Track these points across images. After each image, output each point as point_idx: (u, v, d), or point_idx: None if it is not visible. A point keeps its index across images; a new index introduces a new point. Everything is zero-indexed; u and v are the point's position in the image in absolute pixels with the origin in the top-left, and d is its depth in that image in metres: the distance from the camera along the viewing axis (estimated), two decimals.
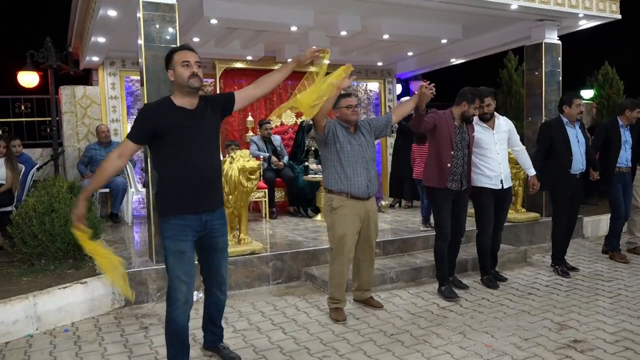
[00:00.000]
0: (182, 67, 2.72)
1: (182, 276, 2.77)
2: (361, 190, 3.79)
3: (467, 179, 4.42)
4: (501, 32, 7.52)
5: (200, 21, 6.08)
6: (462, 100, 4.30)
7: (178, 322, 2.80)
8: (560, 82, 6.75)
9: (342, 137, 3.80)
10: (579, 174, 4.96)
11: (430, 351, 3.30)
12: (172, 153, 2.73)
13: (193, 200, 2.76)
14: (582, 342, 3.39)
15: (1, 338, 3.52)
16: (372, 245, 4.04)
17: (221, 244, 2.98)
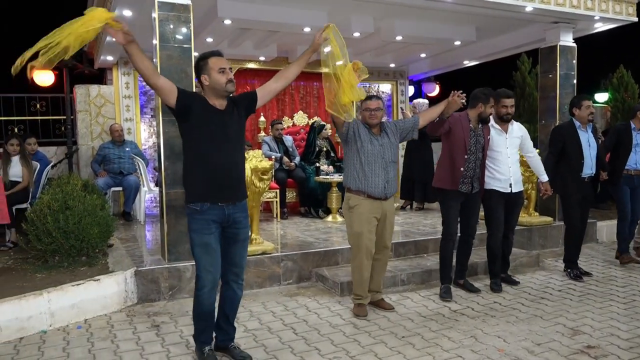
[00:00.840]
0: (219, 74, 2.91)
1: (208, 266, 2.98)
2: (378, 190, 3.84)
3: (481, 182, 4.44)
4: (515, 34, 7.48)
5: (214, 22, 6.11)
6: (477, 102, 4.31)
7: (204, 304, 3.03)
8: (574, 85, 6.69)
9: (364, 136, 3.87)
10: (587, 178, 4.95)
11: (442, 354, 3.28)
12: (201, 146, 2.91)
13: (217, 193, 2.94)
14: (596, 348, 3.35)
15: (16, 333, 3.56)
16: (387, 245, 4.08)
17: (242, 236, 3.11)
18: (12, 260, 4.82)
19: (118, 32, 2.64)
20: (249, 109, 3.14)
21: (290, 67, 3.27)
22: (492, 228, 4.61)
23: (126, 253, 4.91)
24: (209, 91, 2.97)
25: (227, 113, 2.99)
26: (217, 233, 3.01)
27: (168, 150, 4.44)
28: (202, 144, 2.92)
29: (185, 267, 4.44)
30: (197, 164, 2.95)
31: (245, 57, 8.17)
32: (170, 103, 2.90)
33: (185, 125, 2.96)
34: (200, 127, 2.91)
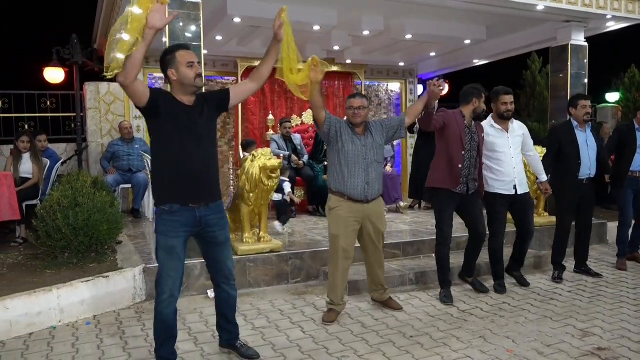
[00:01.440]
0: (188, 68, 2.80)
1: (170, 271, 2.85)
2: (357, 192, 3.72)
3: (479, 182, 4.30)
4: (526, 33, 7.44)
5: (224, 19, 6.12)
6: (470, 97, 4.20)
7: (163, 313, 2.89)
8: (586, 84, 6.65)
9: (346, 136, 3.74)
10: (586, 179, 4.79)
11: (450, 354, 3.27)
12: (169, 144, 2.79)
13: (186, 193, 2.82)
14: (607, 350, 3.32)
15: (26, 329, 3.59)
16: (378, 246, 3.97)
17: (221, 238, 3.01)
18: (22, 256, 4.85)
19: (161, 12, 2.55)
20: (221, 107, 3.03)
21: (261, 65, 3.10)
22: (493, 230, 4.50)
23: (135, 250, 4.93)
24: (177, 86, 2.84)
25: (196, 109, 2.87)
26: (186, 237, 2.89)
27: None
28: (169, 142, 2.79)
29: (194, 265, 4.45)
30: (165, 163, 2.84)
31: (254, 55, 8.17)
32: (143, 102, 2.71)
33: (153, 122, 2.81)
34: (168, 124, 2.77)
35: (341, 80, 9.37)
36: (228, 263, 3.07)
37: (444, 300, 4.24)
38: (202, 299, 4.35)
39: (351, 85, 9.43)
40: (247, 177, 4.59)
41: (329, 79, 9.22)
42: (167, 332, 2.95)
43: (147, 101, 2.71)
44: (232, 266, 3.11)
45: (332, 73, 9.16)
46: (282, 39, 3.05)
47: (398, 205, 7.44)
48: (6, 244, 5.39)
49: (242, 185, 4.66)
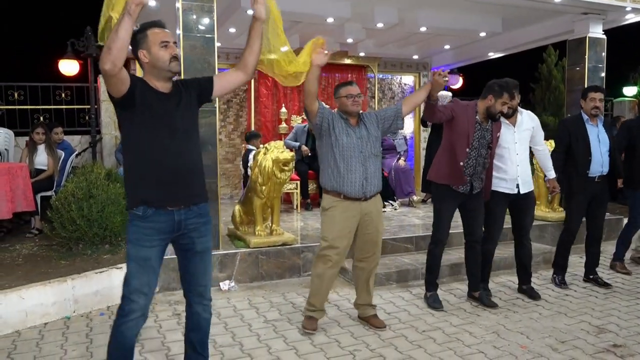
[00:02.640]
0: (161, 49, 2.38)
1: (142, 287, 2.39)
2: (355, 189, 3.38)
3: (487, 183, 4.00)
4: (543, 26, 7.32)
5: (238, 11, 6.10)
6: (488, 93, 3.83)
7: (126, 335, 2.42)
8: (603, 78, 6.53)
9: (339, 129, 3.42)
10: (598, 177, 4.44)
11: (463, 349, 3.25)
12: (140, 138, 2.38)
13: (162, 195, 2.39)
14: (622, 347, 3.28)
15: (41, 319, 3.63)
16: (373, 251, 3.59)
17: (201, 246, 2.54)
18: (37, 247, 4.91)
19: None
20: (203, 97, 2.61)
21: (244, 52, 2.67)
22: (489, 232, 4.17)
23: None
24: (149, 70, 2.43)
25: (172, 98, 2.45)
26: (163, 246, 2.46)
27: None
28: (141, 136, 2.38)
29: None
30: (136, 160, 2.41)
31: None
32: (123, 91, 2.29)
33: (127, 112, 2.37)
34: (140, 115, 2.36)
35: (354, 73, 9.31)
36: (206, 278, 2.60)
37: (432, 306, 3.98)
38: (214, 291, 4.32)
39: (364, 78, 9.37)
40: (259, 170, 4.59)
41: (342, 72, 9.17)
42: (125, 356, 2.48)
43: (127, 90, 2.30)
44: (209, 282, 2.64)
45: (345, 66, 9.11)
46: (262, 16, 2.64)
47: (411, 199, 7.42)
48: (21, 235, 5.45)
49: (254, 178, 4.66)
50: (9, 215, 4.92)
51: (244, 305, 4.05)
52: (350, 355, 3.17)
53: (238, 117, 8.74)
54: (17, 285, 3.67)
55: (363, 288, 3.67)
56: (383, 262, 4.82)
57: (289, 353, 3.19)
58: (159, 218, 2.39)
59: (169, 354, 3.17)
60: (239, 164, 8.50)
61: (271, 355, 3.16)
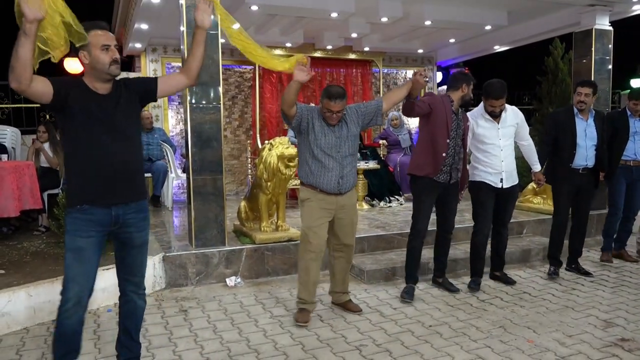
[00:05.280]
0: (102, 52, 2.39)
1: (77, 276, 2.47)
2: (330, 186, 3.51)
3: (463, 172, 4.08)
4: (549, 18, 7.26)
5: (242, 7, 6.08)
6: (460, 83, 3.94)
7: (65, 325, 2.50)
8: (610, 70, 6.48)
9: (318, 127, 3.49)
10: (582, 169, 4.49)
11: (470, 344, 3.24)
12: (78, 139, 2.43)
13: (101, 192, 2.46)
14: (630, 341, 3.26)
15: (49, 316, 3.64)
16: (348, 243, 3.73)
17: (138, 240, 2.65)
18: (44, 244, 4.94)
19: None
20: (146, 97, 2.65)
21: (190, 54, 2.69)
22: (478, 224, 4.28)
23: (154, 239, 4.97)
24: (89, 72, 2.45)
25: (111, 98, 2.48)
26: (99, 238, 2.53)
27: (195, 137, 4.45)
28: (79, 136, 2.42)
29: (212, 253, 4.48)
30: (75, 159, 2.46)
31: (272, 43, 8.12)
32: (47, 99, 2.32)
33: (61, 116, 2.42)
34: (77, 116, 2.39)
35: (359, 67, 9.29)
36: (142, 269, 2.73)
37: (403, 297, 4.00)
38: (220, 287, 4.38)
39: (369, 73, 9.34)
40: (264, 165, 4.59)
41: (347, 67, 9.15)
42: (65, 345, 2.56)
43: (52, 97, 2.32)
44: (144, 273, 2.76)
45: (350, 60, 9.09)
46: (204, 25, 2.62)
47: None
48: (29, 233, 5.48)
49: (259, 174, 4.66)
50: (17, 213, 4.95)
51: (250, 301, 4.06)
52: (357, 350, 3.17)
53: (243, 114, 8.74)
54: (25, 282, 3.70)
55: (339, 278, 3.81)
56: (389, 257, 4.83)
57: (296, 348, 3.20)
58: (96, 211, 2.47)
59: (176, 350, 3.18)
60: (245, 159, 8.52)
61: (277, 351, 3.17)
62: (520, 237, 5.73)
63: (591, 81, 4.75)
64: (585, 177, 4.54)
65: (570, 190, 4.56)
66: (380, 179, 7.14)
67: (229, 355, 3.12)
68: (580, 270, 4.70)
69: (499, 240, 4.43)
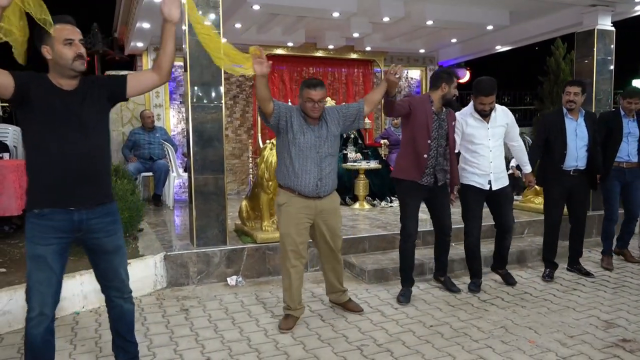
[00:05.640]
0: (65, 46, 2.29)
1: (39, 285, 2.37)
2: (308, 189, 3.36)
3: (453, 173, 3.97)
4: (551, 18, 7.26)
5: (243, 7, 6.10)
6: (440, 82, 3.84)
7: (33, 335, 2.40)
8: (612, 71, 6.48)
9: (297, 126, 3.33)
10: (573, 171, 4.41)
11: (471, 344, 3.24)
12: (39, 137, 2.32)
13: (60, 195, 2.34)
14: (632, 342, 3.26)
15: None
16: (332, 247, 3.60)
17: (110, 246, 2.52)
18: None
19: None
20: (115, 96, 2.52)
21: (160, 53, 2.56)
22: (467, 227, 4.22)
23: (156, 238, 4.98)
24: (53, 67, 2.34)
25: (76, 95, 2.37)
26: (62, 245, 2.40)
27: (197, 136, 4.46)
28: (39, 134, 2.31)
29: (214, 253, 4.48)
30: (35, 160, 2.35)
31: (273, 42, 8.14)
32: (9, 93, 2.24)
33: (21, 112, 2.32)
34: (39, 113, 2.29)
35: (360, 67, 9.30)
36: (121, 273, 2.60)
37: (399, 300, 3.98)
38: (222, 286, 4.38)
39: (370, 73, 9.35)
40: (266, 165, 4.59)
41: (348, 67, 9.16)
42: (37, 355, 2.44)
43: (13, 91, 2.24)
44: (126, 277, 2.64)
45: (351, 60, 9.09)
46: (172, 18, 2.47)
47: None
48: None
49: (261, 174, 4.66)
50: (19, 211, 4.95)
51: (251, 300, 4.06)
52: (358, 350, 3.17)
53: (244, 113, 8.75)
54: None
55: (332, 280, 3.76)
56: (390, 257, 4.83)
57: (297, 348, 3.20)
58: (55, 217, 2.35)
59: (177, 349, 3.18)
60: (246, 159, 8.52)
61: (278, 350, 3.17)
62: (522, 237, 5.73)
63: (580, 80, 4.75)
64: (577, 178, 4.45)
65: (561, 191, 4.48)
66: (382, 179, 7.14)
67: (230, 354, 3.12)
68: (582, 271, 4.66)
69: (503, 245, 4.37)
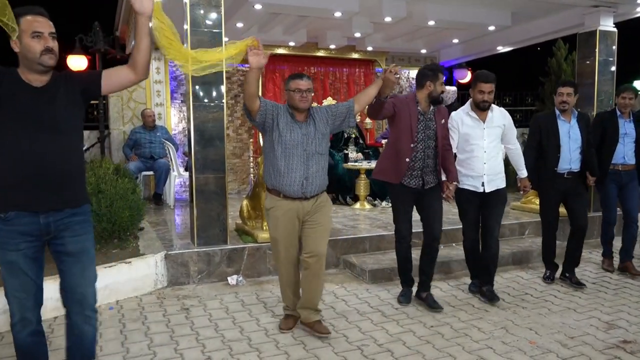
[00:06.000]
0: (33, 39, 2.17)
1: (15, 291, 2.29)
2: (294, 189, 3.20)
3: (450, 171, 3.83)
4: (552, 19, 7.24)
5: (245, 6, 6.09)
6: (424, 80, 3.71)
7: (19, 338, 2.34)
8: (614, 72, 6.47)
9: (284, 124, 3.20)
10: (567, 173, 4.31)
11: (472, 345, 3.24)
12: (6, 134, 2.19)
13: (26, 197, 2.20)
14: (632, 343, 3.26)
15: (51, 312, 3.64)
16: (316, 252, 3.29)
17: (73, 247, 2.32)
18: None
19: None
20: (89, 92, 2.37)
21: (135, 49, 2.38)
22: (464, 229, 4.16)
23: (156, 237, 4.98)
24: (22, 61, 2.22)
25: (46, 92, 2.24)
26: (33, 249, 2.28)
27: (198, 136, 4.45)
28: (5, 131, 2.18)
29: (214, 252, 4.48)
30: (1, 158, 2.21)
31: (275, 42, 8.13)
32: None
33: None
34: (6, 109, 2.17)
35: (362, 67, 9.29)
36: (85, 285, 2.35)
37: (399, 300, 3.95)
38: (222, 286, 4.38)
39: (372, 73, 9.34)
40: None
41: (349, 66, 9.15)
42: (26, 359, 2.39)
43: None
44: (91, 292, 2.38)
45: (353, 60, 9.08)
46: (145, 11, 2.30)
47: None
48: None
49: (262, 173, 4.65)
50: None
51: (252, 299, 4.06)
52: (358, 350, 3.17)
53: None
54: None
55: (307, 294, 3.38)
56: (391, 257, 4.81)
57: (297, 347, 3.20)
58: (22, 220, 2.22)
59: (178, 349, 3.18)
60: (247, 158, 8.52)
61: (279, 350, 3.16)
62: (522, 238, 5.73)
63: (572, 80, 4.67)
64: (571, 181, 4.34)
65: (556, 195, 4.39)
66: None
67: (230, 354, 3.12)
68: (573, 281, 4.40)
69: (488, 255, 4.04)
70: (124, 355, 3.09)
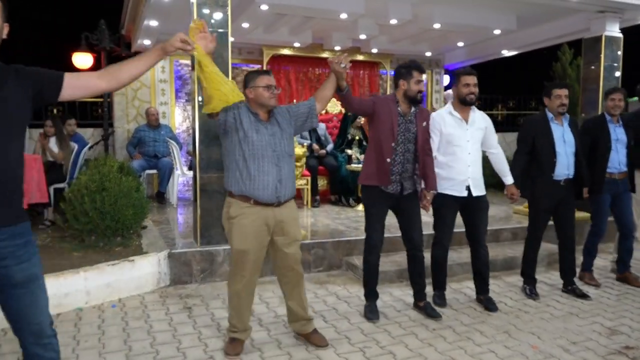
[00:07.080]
0: None
1: None
2: (267, 192, 2.95)
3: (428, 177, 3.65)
4: (558, 24, 7.25)
5: (251, 6, 6.10)
6: (397, 79, 3.60)
7: None
8: (619, 77, 6.48)
9: (247, 124, 2.95)
10: (564, 181, 4.12)
11: (474, 348, 3.23)
12: None
13: None
14: (635, 349, 3.25)
15: (53, 309, 3.61)
16: (293, 266, 3.15)
17: (19, 276, 1.93)
18: (49, 238, 4.95)
19: None
20: (43, 96, 1.97)
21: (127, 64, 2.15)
22: (437, 236, 3.92)
23: (159, 235, 4.98)
24: None
25: None
26: None
27: (203, 135, 4.46)
28: None
29: (217, 251, 4.48)
30: None
31: (280, 42, 8.15)
32: None
33: None
34: None
35: (366, 69, 9.29)
36: (36, 313, 2.00)
37: (367, 316, 3.68)
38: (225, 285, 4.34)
39: (376, 75, 9.35)
40: None
41: (354, 69, 9.15)
42: None
43: None
44: (45, 319, 2.04)
45: (358, 62, 9.09)
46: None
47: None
48: (34, 226, 5.50)
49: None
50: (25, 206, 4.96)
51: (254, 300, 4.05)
52: (360, 352, 3.17)
53: None
54: None
55: (294, 306, 3.24)
56: (393, 259, 4.82)
57: (299, 348, 3.20)
58: None
59: (180, 347, 3.18)
60: None
61: (281, 351, 3.17)
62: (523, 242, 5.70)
63: (566, 83, 4.58)
64: (566, 189, 4.16)
65: (549, 204, 4.18)
66: None
67: None
68: (577, 292, 4.26)
69: (479, 262, 3.96)
70: (127, 353, 3.10)
